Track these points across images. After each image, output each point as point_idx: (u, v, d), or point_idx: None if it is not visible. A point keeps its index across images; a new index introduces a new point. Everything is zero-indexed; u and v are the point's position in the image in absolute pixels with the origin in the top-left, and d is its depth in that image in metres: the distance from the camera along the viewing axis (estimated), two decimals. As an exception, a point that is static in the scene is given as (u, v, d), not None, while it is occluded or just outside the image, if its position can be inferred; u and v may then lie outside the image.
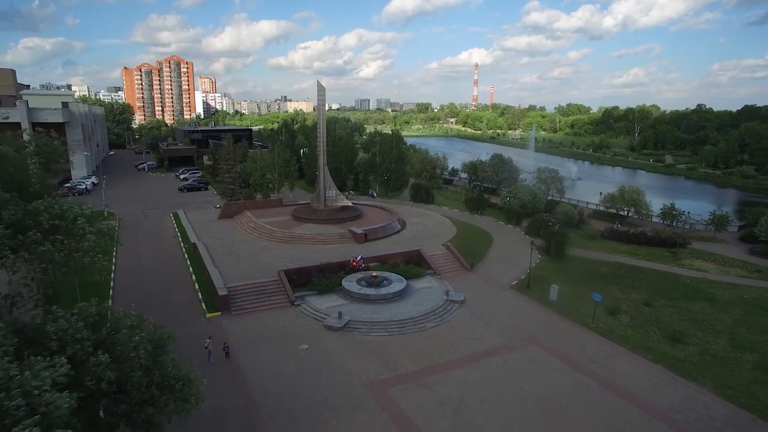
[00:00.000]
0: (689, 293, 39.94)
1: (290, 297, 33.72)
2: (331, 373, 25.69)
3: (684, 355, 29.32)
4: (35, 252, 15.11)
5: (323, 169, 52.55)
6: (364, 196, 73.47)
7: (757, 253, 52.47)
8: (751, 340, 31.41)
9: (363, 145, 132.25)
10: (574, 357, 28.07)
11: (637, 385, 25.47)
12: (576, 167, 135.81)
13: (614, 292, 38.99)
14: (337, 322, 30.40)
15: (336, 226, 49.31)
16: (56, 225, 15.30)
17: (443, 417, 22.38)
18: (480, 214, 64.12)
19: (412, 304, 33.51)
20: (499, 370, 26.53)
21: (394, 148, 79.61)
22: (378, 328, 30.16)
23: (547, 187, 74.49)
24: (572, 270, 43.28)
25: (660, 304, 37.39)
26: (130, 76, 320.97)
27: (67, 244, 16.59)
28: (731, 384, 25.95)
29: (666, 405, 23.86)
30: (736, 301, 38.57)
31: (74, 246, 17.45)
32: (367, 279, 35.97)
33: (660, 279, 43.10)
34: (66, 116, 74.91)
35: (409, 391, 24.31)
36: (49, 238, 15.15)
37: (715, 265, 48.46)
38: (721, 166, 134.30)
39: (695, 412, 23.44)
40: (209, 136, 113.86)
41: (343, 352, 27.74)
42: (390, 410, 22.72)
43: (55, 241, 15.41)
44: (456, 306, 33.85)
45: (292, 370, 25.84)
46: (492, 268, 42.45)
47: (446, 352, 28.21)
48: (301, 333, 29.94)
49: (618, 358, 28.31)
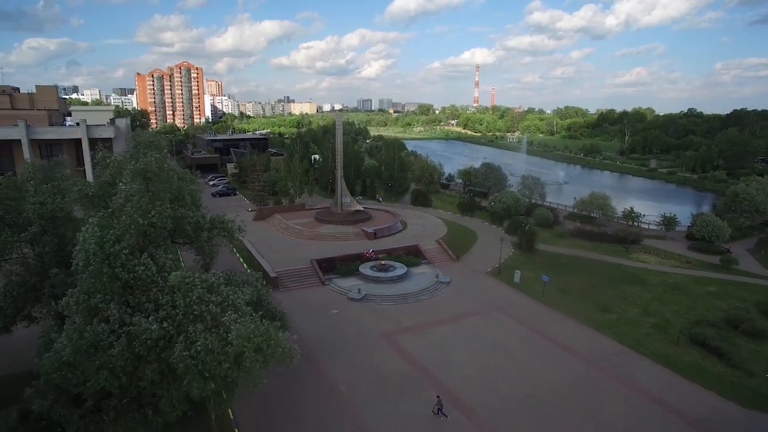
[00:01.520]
0: (627, 279, 51.46)
1: (321, 279, 45.72)
2: (355, 327, 37.54)
3: (606, 319, 40.92)
4: (205, 241, 25.87)
5: (340, 181, 64.48)
6: (372, 201, 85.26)
7: (694, 248, 63.85)
8: (658, 310, 42.93)
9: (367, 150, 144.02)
10: (524, 319, 39.82)
11: (565, 337, 37.17)
12: (563, 172, 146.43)
13: (569, 277, 50.51)
14: (357, 296, 42.35)
15: (351, 226, 61.29)
16: (214, 225, 26.12)
17: (430, 353, 34.10)
18: (470, 216, 75.90)
19: (410, 283, 45.53)
20: (470, 326, 38.32)
21: (396, 157, 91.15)
22: (386, 300, 42.16)
23: (530, 192, 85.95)
24: (538, 261, 54.99)
25: (602, 286, 48.78)
26: (143, 81, 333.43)
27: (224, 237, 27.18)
28: (630, 336, 37.58)
29: (580, 347, 35.57)
30: (661, 285, 50.05)
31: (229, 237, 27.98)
32: (378, 266, 47.96)
33: (608, 268, 54.60)
34: (115, 132, 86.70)
35: (408, 338, 36.13)
36: (213, 233, 26.09)
37: (656, 257, 59.99)
38: (699, 171, 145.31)
39: (601, 352, 35.07)
40: (230, 145, 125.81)
41: (363, 315, 39.62)
42: (396, 349, 34.51)
43: (218, 234, 26.32)
44: (443, 285, 45.81)
45: (329, 326, 37.65)
46: (473, 259, 54.37)
47: (434, 315, 40.04)
48: (331, 303, 41.82)
49: (556, 320, 40.06)
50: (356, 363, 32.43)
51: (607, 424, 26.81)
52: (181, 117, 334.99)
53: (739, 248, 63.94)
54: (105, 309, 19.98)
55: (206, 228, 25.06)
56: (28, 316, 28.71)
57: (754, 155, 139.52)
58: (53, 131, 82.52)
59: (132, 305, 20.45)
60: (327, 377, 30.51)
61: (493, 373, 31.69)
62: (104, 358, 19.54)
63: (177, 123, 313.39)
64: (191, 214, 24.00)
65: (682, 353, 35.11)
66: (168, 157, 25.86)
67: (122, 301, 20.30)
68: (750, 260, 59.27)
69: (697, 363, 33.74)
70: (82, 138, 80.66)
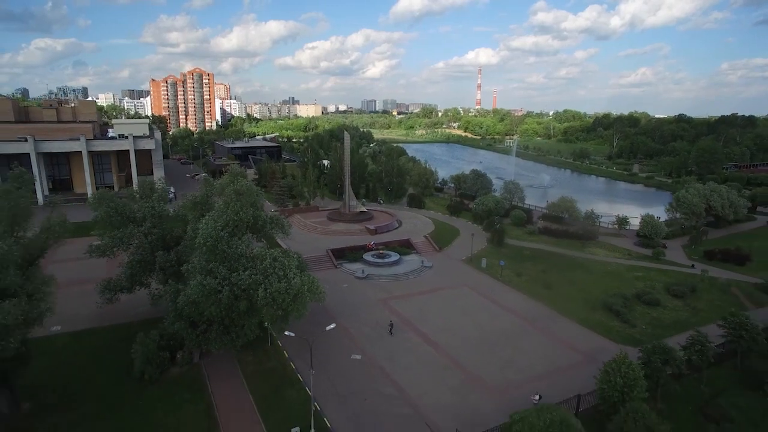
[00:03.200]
0: (574, 266, 65.36)
1: (334, 263, 60.14)
2: (360, 296, 51.81)
3: (545, 293, 54.90)
4: (267, 231, 39.84)
5: (348, 189, 78.92)
6: (374, 203, 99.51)
7: (639, 244, 77.67)
8: (590, 289, 56.72)
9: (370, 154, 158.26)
10: (483, 292, 53.98)
11: (510, 303, 51.30)
12: (548, 176, 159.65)
13: (527, 265, 64.57)
14: (361, 275, 56.67)
15: (357, 224, 75.67)
16: (273, 221, 40.44)
17: (413, 312, 48.27)
18: (456, 217, 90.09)
19: (402, 267, 59.82)
20: (443, 296, 52.56)
21: (395, 165, 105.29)
22: (384, 278, 56.48)
23: (511, 195, 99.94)
24: (504, 252, 69.02)
25: (552, 271, 62.68)
26: (157, 87, 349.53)
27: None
28: (559, 304, 51.56)
29: (519, 309, 49.73)
30: (600, 271, 63.94)
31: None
32: (377, 254, 62.24)
33: (562, 259, 68.48)
34: (155, 143, 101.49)
35: (398, 302, 50.39)
36: (272, 226, 40.34)
37: (605, 251, 73.88)
38: (674, 176, 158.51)
39: (533, 312, 49.16)
40: (248, 152, 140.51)
41: (366, 288, 53.94)
42: (389, 309, 48.74)
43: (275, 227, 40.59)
44: (427, 269, 60.10)
45: (341, 295, 51.86)
46: (453, 250, 68.70)
47: (417, 288, 54.34)
48: (342, 280, 56.12)
49: (507, 293, 54.25)
50: (361, 317, 46.75)
51: (524, 351, 41.03)
52: (194, 121, 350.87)
53: (677, 243, 77.92)
54: (215, 269, 34.23)
55: (268, 223, 39.41)
56: (142, 282, 43.05)
57: (722, 162, 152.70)
58: (107, 144, 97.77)
59: (230, 268, 34.68)
60: (341, 325, 44.65)
61: (455, 325, 45.88)
62: (214, 298, 33.79)
63: (189, 126, 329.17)
64: (261, 214, 38.42)
65: (593, 315, 49.20)
66: (248, 179, 40.36)
67: (225, 265, 34.53)
68: (679, 253, 73.14)
69: (601, 321, 47.83)
70: (130, 149, 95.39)
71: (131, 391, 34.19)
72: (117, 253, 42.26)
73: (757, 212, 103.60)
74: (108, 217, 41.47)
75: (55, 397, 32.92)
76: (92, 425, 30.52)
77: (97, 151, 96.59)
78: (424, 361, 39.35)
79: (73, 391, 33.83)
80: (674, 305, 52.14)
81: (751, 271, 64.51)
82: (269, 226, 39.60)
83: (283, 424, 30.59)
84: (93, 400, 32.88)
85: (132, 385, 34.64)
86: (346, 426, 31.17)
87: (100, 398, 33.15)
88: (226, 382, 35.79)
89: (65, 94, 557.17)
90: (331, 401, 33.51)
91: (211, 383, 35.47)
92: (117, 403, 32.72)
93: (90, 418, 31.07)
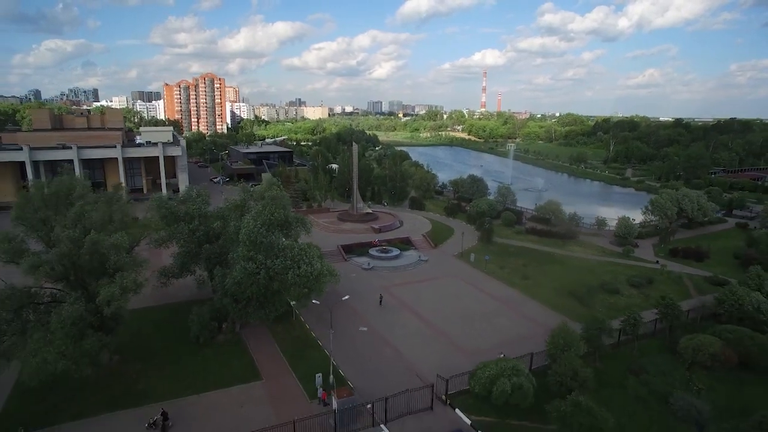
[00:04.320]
0: (552, 261, 75.07)
1: (344, 257, 70.39)
2: (366, 283, 61.96)
3: (523, 283, 64.68)
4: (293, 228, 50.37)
5: (356, 193, 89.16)
6: (379, 205, 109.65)
7: (615, 243, 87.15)
8: (562, 280, 66.36)
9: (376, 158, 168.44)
10: (470, 282, 63.96)
11: (492, 290, 61.22)
12: (543, 180, 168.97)
13: (510, 259, 74.39)
14: (367, 267, 66.92)
15: (363, 224, 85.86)
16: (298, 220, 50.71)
17: (410, 296, 58.34)
18: (453, 218, 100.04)
19: (402, 261, 69.99)
20: (437, 284, 62.62)
21: (398, 170, 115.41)
22: (386, 270, 66.70)
23: (504, 198, 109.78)
24: (493, 249, 78.91)
25: (532, 265, 72.41)
26: (170, 91, 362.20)
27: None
28: (533, 291, 61.39)
29: (499, 295, 59.66)
30: (575, 266, 73.54)
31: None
32: (381, 250, 72.41)
33: (542, 255, 78.20)
34: (181, 150, 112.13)
35: (398, 289, 60.53)
36: (297, 224, 50.69)
37: (582, 248, 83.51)
38: (663, 180, 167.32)
39: (510, 297, 59.07)
40: (262, 157, 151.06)
41: (371, 277, 64.14)
42: (391, 294, 58.84)
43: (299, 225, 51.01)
44: (423, 262, 70.25)
45: (350, 283, 61.94)
46: (447, 247, 78.74)
47: (414, 278, 64.44)
48: (351, 271, 66.29)
49: (490, 282, 64.19)
50: (366, 299, 56.89)
51: (497, 326, 51.07)
52: (205, 124, 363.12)
53: (649, 242, 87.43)
54: (254, 257, 44.43)
55: (293, 221, 49.70)
56: (189, 270, 53.27)
57: (708, 168, 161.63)
58: (139, 151, 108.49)
59: (266, 256, 44.86)
60: (350, 306, 54.70)
61: (444, 307, 55.89)
62: (253, 279, 43.98)
63: (201, 129, 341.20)
64: (291, 214, 48.76)
65: (559, 299, 59.00)
66: (281, 187, 50.96)
67: (262, 254, 44.72)
68: (649, 250, 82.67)
69: (565, 304, 57.63)
70: (159, 156, 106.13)
71: (189, 351, 44.44)
72: (168, 245, 52.61)
73: (732, 215, 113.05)
74: (163, 217, 51.91)
75: (135, 352, 43.33)
76: (166, 371, 40.85)
77: (129, 156, 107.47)
78: (417, 333, 49.45)
79: (146, 348, 44.23)
80: (630, 293, 61.84)
81: (706, 266, 74.02)
82: (295, 225, 49.81)
83: (308, 372, 40.74)
84: (163, 355, 43.28)
85: (190, 347, 44.92)
86: (355, 375, 41.27)
87: (167, 353, 43.52)
88: (262, 345, 46.04)
89: (76, 96, 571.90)
90: (344, 360, 43.59)
91: (250, 346, 45.74)
92: (182, 358, 43.05)
93: (163, 367, 41.41)
